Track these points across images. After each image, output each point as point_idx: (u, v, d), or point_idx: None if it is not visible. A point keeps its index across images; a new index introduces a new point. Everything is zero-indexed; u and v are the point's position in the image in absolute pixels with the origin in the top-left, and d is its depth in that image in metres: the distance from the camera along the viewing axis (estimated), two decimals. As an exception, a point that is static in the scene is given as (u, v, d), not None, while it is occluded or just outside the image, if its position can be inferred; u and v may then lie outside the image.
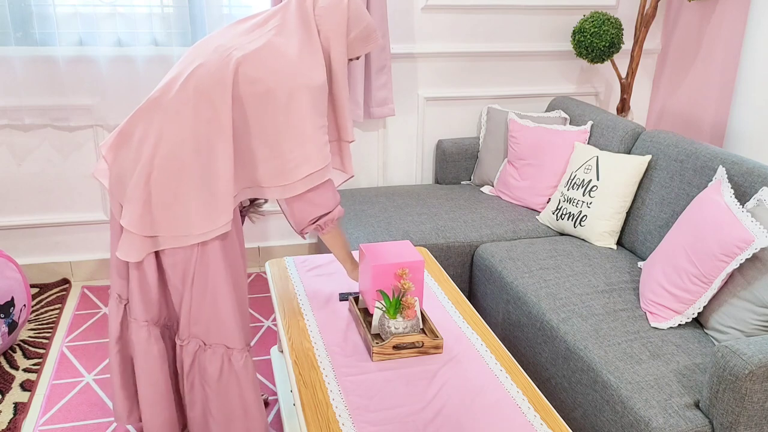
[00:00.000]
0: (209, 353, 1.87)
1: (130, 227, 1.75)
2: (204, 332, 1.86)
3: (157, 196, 1.72)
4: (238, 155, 1.75)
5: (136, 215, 1.74)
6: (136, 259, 1.77)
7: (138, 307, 1.87)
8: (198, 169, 1.71)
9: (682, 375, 1.89)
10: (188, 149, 1.70)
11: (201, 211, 1.73)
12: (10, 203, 3.12)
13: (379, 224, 2.86)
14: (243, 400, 1.91)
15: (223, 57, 1.71)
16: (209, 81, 1.69)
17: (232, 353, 1.88)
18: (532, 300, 2.34)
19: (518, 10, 3.42)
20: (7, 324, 2.59)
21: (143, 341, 1.90)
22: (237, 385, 1.90)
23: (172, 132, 1.71)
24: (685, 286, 2.10)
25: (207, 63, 1.72)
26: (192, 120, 1.70)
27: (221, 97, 1.68)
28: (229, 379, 1.90)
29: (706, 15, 3.35)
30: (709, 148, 2.47)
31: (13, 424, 2.28)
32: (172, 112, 1.72)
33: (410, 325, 1.84)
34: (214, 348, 1.87)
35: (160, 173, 1.71)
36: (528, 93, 3.58)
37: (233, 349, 1.87)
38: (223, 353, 1.87)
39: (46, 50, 2.90)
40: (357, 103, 3.18)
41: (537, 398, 1.70)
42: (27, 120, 2.99)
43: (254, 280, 3.36)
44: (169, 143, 1.71)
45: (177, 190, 1.72)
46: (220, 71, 1.69)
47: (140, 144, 1.75)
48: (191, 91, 1.70)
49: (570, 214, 2.80)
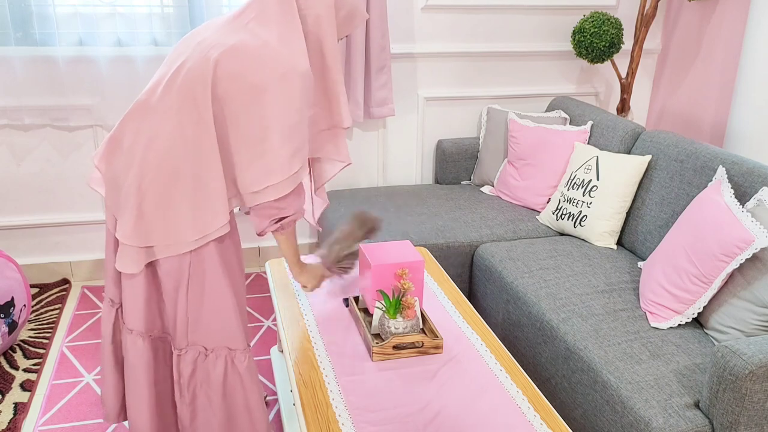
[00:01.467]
0: (212, 358, 1.85)
1: (125, 240, 1.71)
2: (204, 337, 1.83)
3: (150, 202, 1.69)
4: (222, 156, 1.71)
5: (130, 226, 1.70)
6: (135, 270, 1.74)
7: (130, 316, 1.84)
8: (189, 172, 1.67)
9: (682, 375, 1.89)
10: (178, 152, 1.67)
11: (194, 216, 1.70)
12: (10, 203, 3.12)
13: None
14: (247, 401, 1.90)
15: (204, 54, 1.66)
16: (191, 81, 1.65)
17: (234, 354, 1.86)
18: (532, 300, 2.34)
19: (518, 10, 3.42)
20: (7, 324, 2.59)
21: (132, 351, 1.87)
22: (241, 386, 1.89)
23: (161, 135, 1.67)
24: (685, 286, 2.10)
25: (188, 61, 1.67)
26: (179, 122, 1.66)
27: (203, 97, 1.64)
28: (234, 382, 1.88)
29: (706, 15, 3.35)
30: (709, 148, 2.47)
31: (13, 424, 2.28)
32: (159, 115, 1.68)
33: (410, 325, 1.84)
34: (217, 352, 1.84)
35: (152, 178, 1.68)
36: (528, 93, 3.58)
37: (236, 350, 1.85)
38: (226, 355, 1.85)
39: (46, 50, 2.90)
40: (357, 103, 3.18)
41: (537, 398, 1.70)
42: (27, 120, 2.99)
43: (254, 280, 3.35)
44: (159, 147, 1.67)
45: (169, 195, 1.68)
46: (200, 69, 1.64)
47: (131, 149, 1.72)
48: (175, 93, 1.66)
49: (570, 214, 2.80)
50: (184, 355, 1.85)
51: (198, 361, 1.85)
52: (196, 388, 1.88)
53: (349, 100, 3.19)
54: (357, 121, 3.23)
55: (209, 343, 1.84)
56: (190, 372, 1.86)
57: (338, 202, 3.14)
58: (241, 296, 1.91)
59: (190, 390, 1.88)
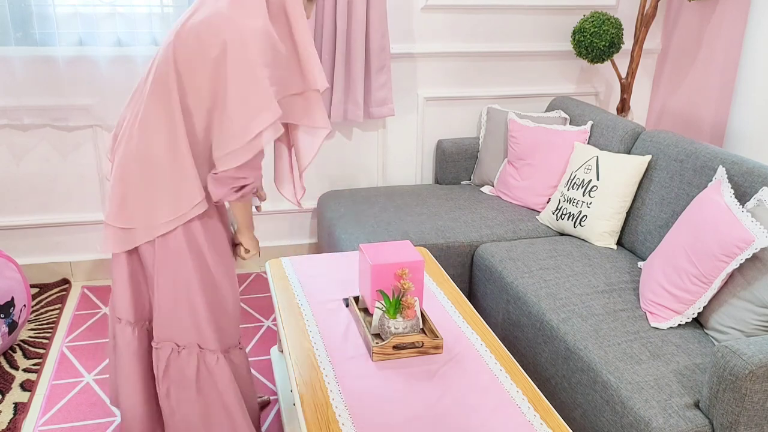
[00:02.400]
0: (184, 354, 1.86)
1: (108, 220, 1.78)
2: (177, 333, 1.85)
3: (132, 184, 1.75)
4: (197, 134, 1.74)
5: (115, 208, 1.77)
6: (117, 250, 1.79)
7: (118, 303, 1.90)
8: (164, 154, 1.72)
9: (682, 375, 1.89)
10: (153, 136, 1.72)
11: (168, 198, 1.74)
12: (10, 203, 3.12)
13: (379, 224, 2.86)
14: (224, 402, 1.90)
15: (167, 39, 1.73)
16: (160, 67, 1.71)
17: (205, 354, 1.87)
18: (532, 300, 2.34)
19: (518, 10, 3.41)
20: (7, 324, 2.59)
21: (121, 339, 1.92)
22: (215, 386, 1.89)
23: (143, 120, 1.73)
24: (685, 286, 2.10)
25: (161, 46, 1.75)
26: (153, 108, 1.71)
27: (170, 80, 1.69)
28: (207, 381, 1.88)
29: (706, 15, 3.35)
30: (709, 148, 2.47)
31: (13, 424, 2.28)
32: (143, 101, 1.75)
33: (410, 325, 1.84)
34: (189, 349, 1.86)
35: (133, 160, 1.74)
36: (528, 93, 3.58)
37: (205, 350, 1.87)
38: (198, 353, 1.86)
39: (46, 50, 2.90)
40: (357, 103, 3.18)
41: (537, 398, 1.70)
42: (26, 120, 2.99)
43: (254, 280, 3.35)
44: (137, 133, 1.74)
45: (149, 177, 1.74)
46: (165, 55, 1.70)
47: (121, 138, 1.80)
48: (150, 81, 1.73)
49: (570, 214, 2.80)
50: (159, 350, 1.88)
51: (171, 359, 1.88)
52: (170, 386, 1.90)
53: (349, 100, 3.19)
54: (357, 120, 3.23)
55: (181, 340, 1.86)
56: (164, 368, 1.88)
57: (338, 202, 3.14)
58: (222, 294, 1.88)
59: (164, 386, 1.90)
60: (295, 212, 3.47)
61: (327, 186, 3.47)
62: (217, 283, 1.87)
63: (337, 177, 3.47)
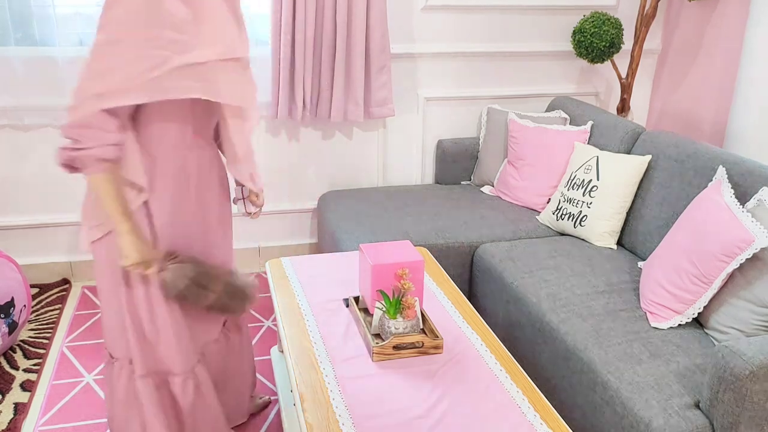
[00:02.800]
0: (116, 367, 1.88)
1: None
2: (110, 342, 1.87)
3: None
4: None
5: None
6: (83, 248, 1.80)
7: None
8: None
9: (682, 375, 1.89)
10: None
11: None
12: (10, 203, 3.12)
13: (379, 224, 2.86)
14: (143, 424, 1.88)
15: None
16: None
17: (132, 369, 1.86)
18: (532, 300, 2.34)
19: (518, 10, 3.41)
20: (7, 324, 2.59)
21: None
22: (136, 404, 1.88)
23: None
24: (686, 286, 2.10)
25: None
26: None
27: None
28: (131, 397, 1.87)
29: (706, 15, 3.35)
30: (709, 149, 2.47)
31: (13, 424, 2.28)
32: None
33: (410, 325, 1.84)
34: (121, 362, 1.87)
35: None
36: (528, 93, 3.58)
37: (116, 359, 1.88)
38: (128, 367, 1.86)
39: (46, 50, 2.90)
40: (357, 103, 3.18)
41: (537, 398, 1.70)
42: (27, 120, 2.99)
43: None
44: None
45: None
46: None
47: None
48: None
49: (570, 214, 2.80)
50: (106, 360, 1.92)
51: (106, 370, 1.89)
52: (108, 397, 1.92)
53: (350, 100, 3.19)
54: (357, 120, 3.23)
55: (114, 351, 1.87)
56: (105, 380, 1.92)
57: (338, 202, 3.14)
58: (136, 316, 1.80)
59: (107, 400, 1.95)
60: (295, 212, 3.47)
61: (327, 186, 3.47)
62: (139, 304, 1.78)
63: (337, 177, 3.47)
